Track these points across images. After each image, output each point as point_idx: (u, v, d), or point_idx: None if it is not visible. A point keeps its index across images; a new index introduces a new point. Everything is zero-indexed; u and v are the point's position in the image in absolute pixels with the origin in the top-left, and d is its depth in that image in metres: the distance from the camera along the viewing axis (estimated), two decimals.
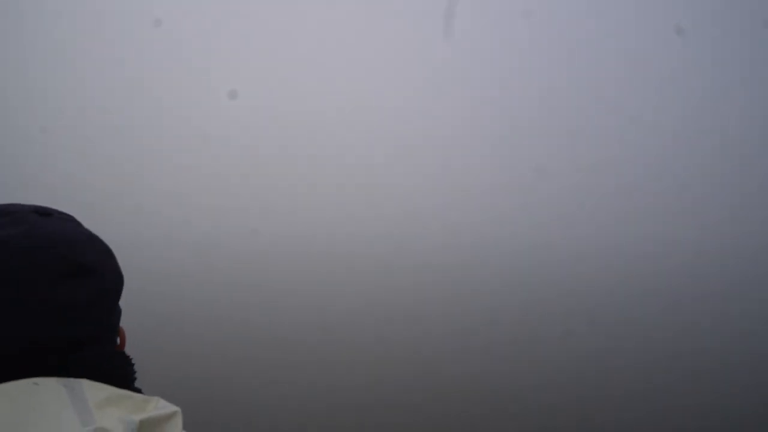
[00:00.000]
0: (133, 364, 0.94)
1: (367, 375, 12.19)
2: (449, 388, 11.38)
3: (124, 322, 0.96)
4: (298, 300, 21.78)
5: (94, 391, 0.82)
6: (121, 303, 0.95)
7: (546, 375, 12.35)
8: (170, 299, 18.99)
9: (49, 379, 0.81)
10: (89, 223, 0.96)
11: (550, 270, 33.35)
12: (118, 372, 0.89)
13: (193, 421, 0.97)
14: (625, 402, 10.82)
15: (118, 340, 0.95)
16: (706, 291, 25.38)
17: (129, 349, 0.96)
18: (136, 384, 0.93)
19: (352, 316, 18.57)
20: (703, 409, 10.40)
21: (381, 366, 12.87)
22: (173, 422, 0.82)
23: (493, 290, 25.51)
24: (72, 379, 0.82)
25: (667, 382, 11.98)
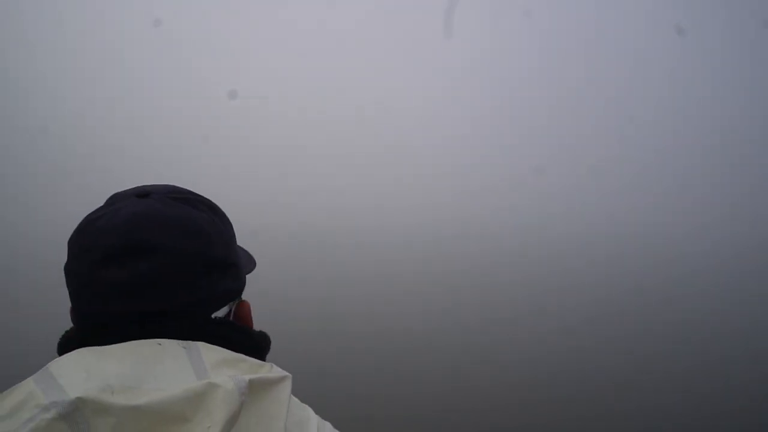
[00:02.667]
0: (250, 335, 1.02)
1: (367, 373, 12.20)
2: (449, 384, 11.39)
3: None
4: (298, 300, 21.80)
5: (210, 352, 0.91)
6: None
7: (546, 372, 12.37)
8: None
9: (171, 341, 0.91)
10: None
11: (550, 268, 33.37)
12: (222, 341, 0.95)
13: None
14: (626, 403, 10.83)
15: (225, 314, 1.02)
16: (708, 289, 25.41)
17: None
18: None
19: (353, 316, 18.59)
20: (703, 409, 10.41)
21: (381, 365, 12.89)
22: (282, 385, 0.90)
23: (493, 290, 25.53)
24: (191, 342, 0.92)
25: (667, 382, 11.99)
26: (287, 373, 0.92)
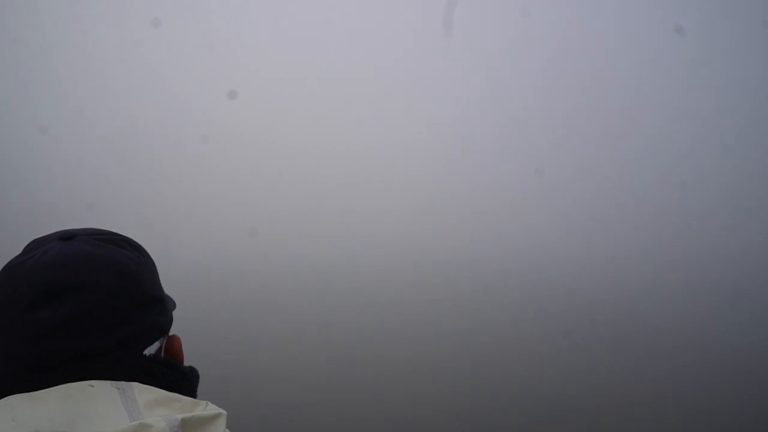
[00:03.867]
0: (182, 371, 1.01)
1: (369, 375, 12.19)
2: (450, 387, 11.38)
3: None
4: (298, 300, 21.78)
5: (144, 393, 0.91)
6: None
7: (547, 375, 12.35)
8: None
9: (103, 382, 0.91)
10: (88, 222, 0.99)
11: (550, 270, 33.34)
12: (155, 379, 0.96)
13: None
14: (625, 403, 10.82)
15: (156, 351, 1.02)
16: (708, 290, 25.39)
17: None
18: None
19: (353, 317, 18.58)
20: (703, 409, 10.40)
21: (382, 366, 12.88)
22: (216, 423, 0.88)
23: (492, 289, 25.50)
24: (124, 382, 0.92)
25: (667, 382, 11.98)
26: (222, 411, 0.90)
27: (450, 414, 10.32)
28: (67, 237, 1.02)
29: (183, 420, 0.85)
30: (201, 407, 0.91)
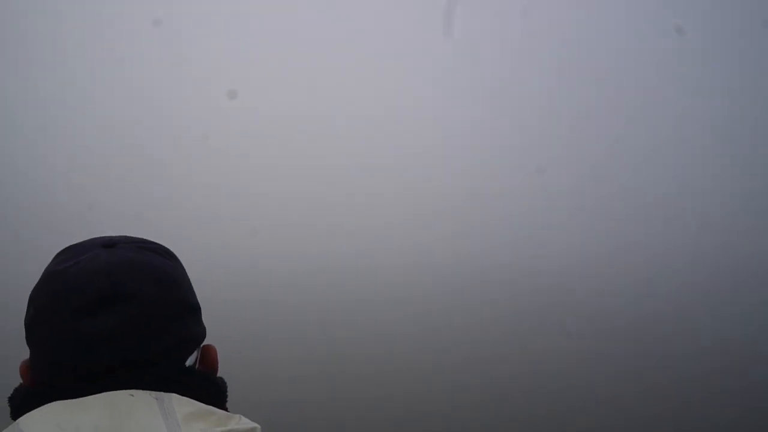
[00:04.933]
0: (216, 384, 1.01)
1: (367, 375, 12.20)
2: (450, 390, 11.38)
3: None
4: (298, 301, 21.78)
5: (182, 405, 0.90)
6: None
7: (547, 376, 12.35)
8: None
9: (143, 392, 0.91)
10: (88, 222, 0.98)
11: (551, 270, 33.38)
12: (193, 391, 0.95)
13: None
14: (624, 404, 10.82)
15: (194, 361, 1.02)
16: (708, 291, 25.40)
17: None
18: None
19: (354, 318, 18.58)
20: (703, 410, 10.40)
21: (381, 367, 12.88)
22: None
23: (493, 289, 25.51)
24: (163, 393, 0.91)
25: (667, 383, 11.99)
26: (255, 425, 0.91)
27: (450, 414, 10.32)
28: (109, 245, 1.01)
29: None
30: (234, 421, 0.91)
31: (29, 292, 1.00)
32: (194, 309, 1.03)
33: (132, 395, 0.89)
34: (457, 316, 19.26)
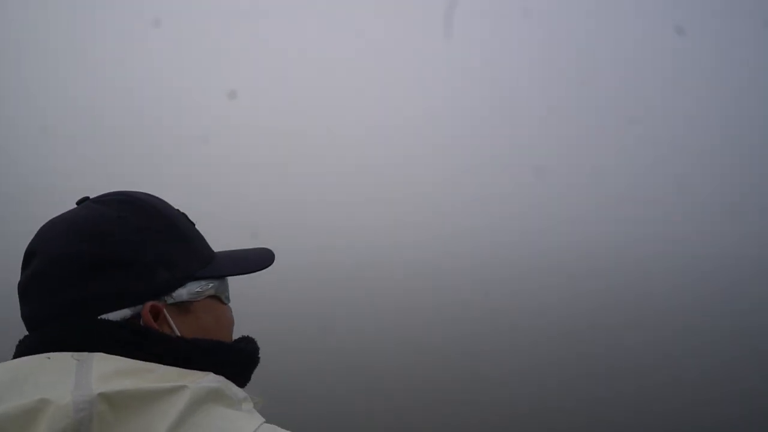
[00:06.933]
0: (162, 339, 0.89)
1: (367, 375, 12.20)
2: (451, 388, 11.38)
3: None
4: (297, 302, 21.77)
5: (104, 363, 0.80)
6: None
7: (546, 376, 12.35)
8: None
9: (63, 354, 0.82)
10: None
11: (550, 270, 33.41)
12: (128, 347, 0.85)
13: None
14: (625, 405, 10.82)
15: (133, 316, 0.92)
16: (707, 290, 25.40)
17: None
18: None
19: (353, 318, 18.58)
20: (703, 411, 10.41)
21: (381, 367, 12.88)
22: (170, 401, 0.76)
23: (493, 290, 25.51)
24: (86, 353, 0.82)
25: (668, 384, 11.99)
26: (185, 384, 0.78)
27: (450, 414, 10.32)
28: (79, 202, 1.00)
29: (104, 395, 0.74)
30: (186, 380, 0.79)
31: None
32: (124, 263, 0.92)
33: (48, 358, 0.82)
34: (455, 314, 19.26)
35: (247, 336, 1.05)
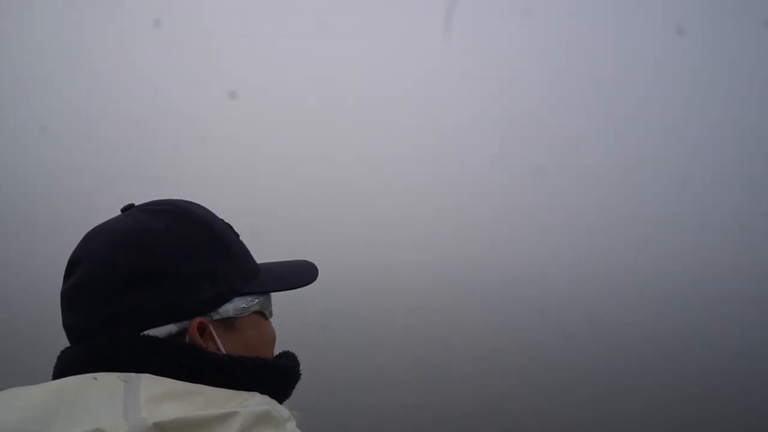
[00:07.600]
0: (208, 358, 0.86)
1: (367, 377, 12.20)
2: (451, 391, 11.38)
3: None
4: (297, 302, 21.77)
5: (152, 385, 0.78)
6: None
7: (546, 379, 12.35)
8: None
9: (110, 375, 0.80)
10: (88, 223, 0.96)
11: (550, 271, 33.38)
12: (172, 369, 0.83)
13: None
14: (624, 405, 10.82)
15: (178, 333, 0.89)
16: (708, 292, 25.38)
17: None
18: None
19: (353, 319, 18.58)
20: (703, 412, 10.41)
21: (381, 369, 12.88)
22: (226, 425, 0.74)
23: (493, 290, 25.51)
24: (133, 374, 0.80)
25: (667, 384, 11.99)
26: (238, 410, 0.76)
27: (449, 414, 10.33)
28: (125, 209, 0.97)
29: (159, 425, 0.72)
30: (238, 402, 0.78)
31: (30, 293, 1.03)
32: (168, 276, 0.89)
33: (95, 378, 0.79)
34: (455, 315, 19.26)
35: (288, 351, 1.07)
